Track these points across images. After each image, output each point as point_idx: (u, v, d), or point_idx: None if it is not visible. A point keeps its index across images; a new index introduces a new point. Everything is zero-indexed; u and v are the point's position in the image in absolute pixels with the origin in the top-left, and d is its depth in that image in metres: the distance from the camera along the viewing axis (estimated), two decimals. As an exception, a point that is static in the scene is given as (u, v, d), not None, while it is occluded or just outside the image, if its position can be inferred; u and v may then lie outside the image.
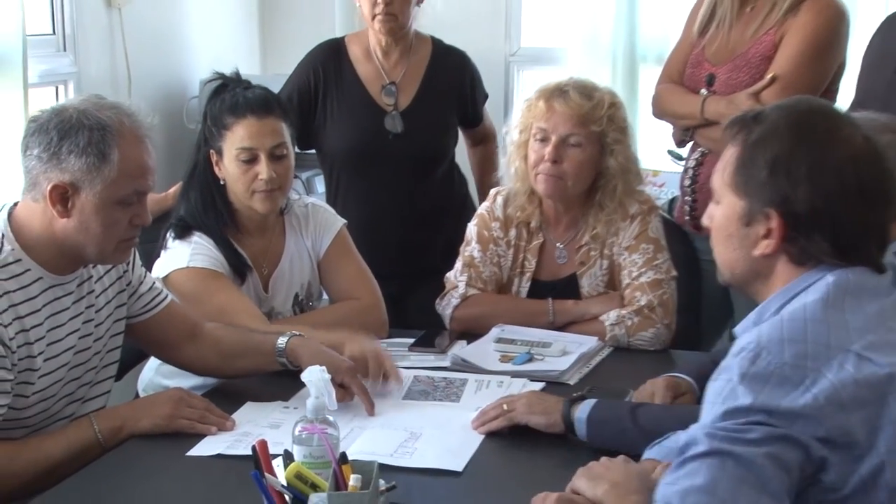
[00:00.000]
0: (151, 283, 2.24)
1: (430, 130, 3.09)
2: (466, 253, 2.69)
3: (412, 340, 2.53)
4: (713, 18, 2.96)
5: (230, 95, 2.48)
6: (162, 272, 2.43)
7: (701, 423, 1.40)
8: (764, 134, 1.50)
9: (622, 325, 2.52)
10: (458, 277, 2.67)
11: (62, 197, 1.91)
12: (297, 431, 1.71)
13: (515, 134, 2.62)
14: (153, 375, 2.55)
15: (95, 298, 2.09)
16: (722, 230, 1.56)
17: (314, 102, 3.06)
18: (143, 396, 2.25)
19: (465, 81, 3.14)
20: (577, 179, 2.56)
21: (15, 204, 2.00)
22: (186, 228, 2.48)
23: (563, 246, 2.66)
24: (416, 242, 3.05)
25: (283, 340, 2.20)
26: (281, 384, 2.20)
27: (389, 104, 3.05)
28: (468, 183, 3.29)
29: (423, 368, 2.38)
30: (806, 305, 1.43)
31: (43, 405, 2.00)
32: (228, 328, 2.31)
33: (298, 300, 2.60)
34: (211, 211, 2.49)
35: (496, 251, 2.67)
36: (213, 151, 2.49)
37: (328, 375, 1.78)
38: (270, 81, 2.61)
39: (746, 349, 1.40)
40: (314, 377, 1.76)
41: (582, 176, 2.56)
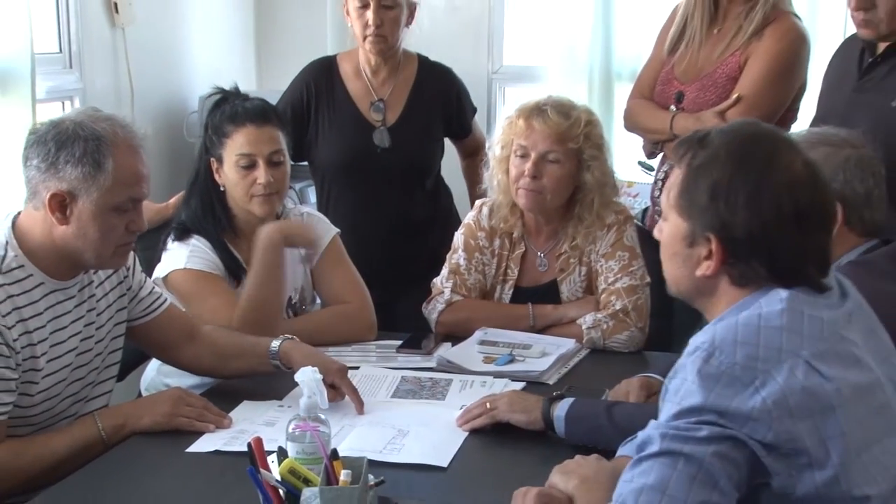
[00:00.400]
0: (151, 287, 2.24)
1: (416, 145, 3.08)
2: (453, 261, 2.69)
3: (400, 342, 2.53)
4: (682, 38, 2.97)
5: (230, 106, 2.49)
6: (161, 272, 2.44)
7: (657, 421, 1.40)
8: (706, 159, 1.47)
9: (598, 328, 2.53)
10: (444, 283, 2.67)
11: (60, 205, 1.91)
12: (290, 429, 1.71)
13: (497, 149, 2.63)
14: (155, 375, 2.54)
15: (96, 302, 2.09)
16: (668, 248, 1.54)
17: (307, 117, 3.06)
18: (144, 395, 2.24)
19: (450, 96, 3.14)
20: (555, 193, 2.56)
21: (19, 213, 1.99)
22: (185, 231, 2.49)
23: (543, 255, 2.67)
24: (403, 251, 3.05)
25: (276, 343, 2.21)
26: (275, 384, 2.20)
27: (378, 120, 3.05)
28: (453, 195, 3.29)
29: (410, 369, 2.38)
30: (762, 312, 1.40)
31: (48, 404, 1.99)
32: (224, 331, 2.31)
33: (292, 303, 2.60)
34: (210, 216, 2.50)
35: (481, 259, 2.67)
36: (213, 159, 2.49)
37: (320, 376, 1.79)
38: (266, 97, 2.61)
39: (700, 348, 1.38)
40: (307, 378, 1.76)
41: (560, 190, 2.57)
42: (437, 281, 2.69)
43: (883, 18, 2.37)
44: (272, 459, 1.64)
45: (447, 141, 3.24)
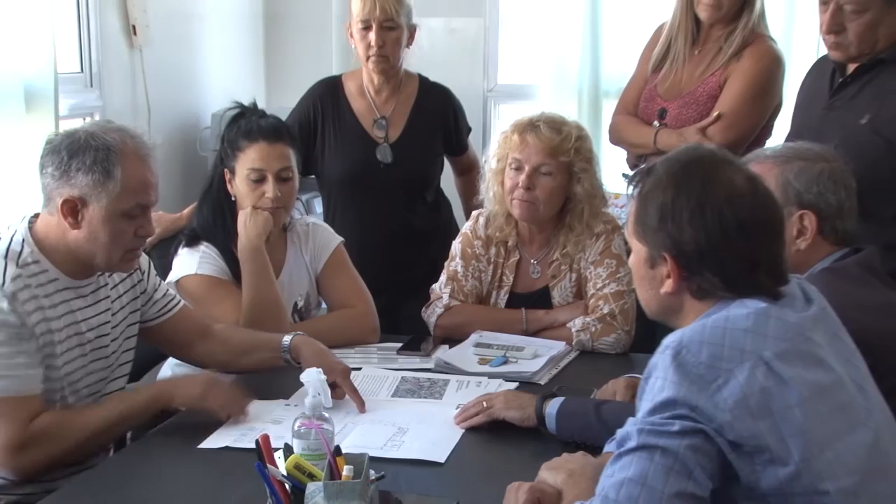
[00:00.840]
0: (165, 290, 2.25)
1: (417, 160, 3.07)
2: (451, 268, 2.69)
3: (400, 345, 2.52)
4: (666, 58, 2.98)
5: (245, 122, 2.49)
6: (173, 277, 2.45)
7: (634, 419, 1.40)
8: (652, 186, 1.49)
9: (587, 331, 2.52)
10: (442, 289, 2.67)
11: (72, 210, 1.92)
12: (296, 427, 1.71)
13: (493, 162, 2.63)
14: (170, 376, 2.53)
15: (111, 303, 2.09)
16: (636, 273, 1.57)
17: (313, 133, 3.05)
18: (181, 375, 2.22)
19: (448, 114, 3.14)
20: (548, 204, 2.57)
21: (35, 216, 2.01)
22: (195, 238, 2.49)
23: (536, 262, 2.67)
24: (405, 259, 3.04)
25: (287, 339, 2.22)
26: (283, 383, 2.19)
27: (380, 137, 3.04)
28: (452, 207, 3.28)
29: (409, 370, 2.38)
30: (729, 314, 1.41)
31: (66, 393, 2.00)
32: (238, 328, 2.33)
33: (298, 308, 2.59)
34: (220, 223, 2.50)
35: (477, 267, 2.67)
36: (227, 170, 2.50)
37: (324, 376, 1.79)
38: (274, 113, 2.62)
39: (669, 347, 1.40)
40: (311, 378, 1.76)
41: (552, 201, 2.57)
42: (435, 287, 2.69)
43: (853, 41, 2.38)
44: (279, 455, 1.63)
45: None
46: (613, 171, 3.39)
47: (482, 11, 4.17)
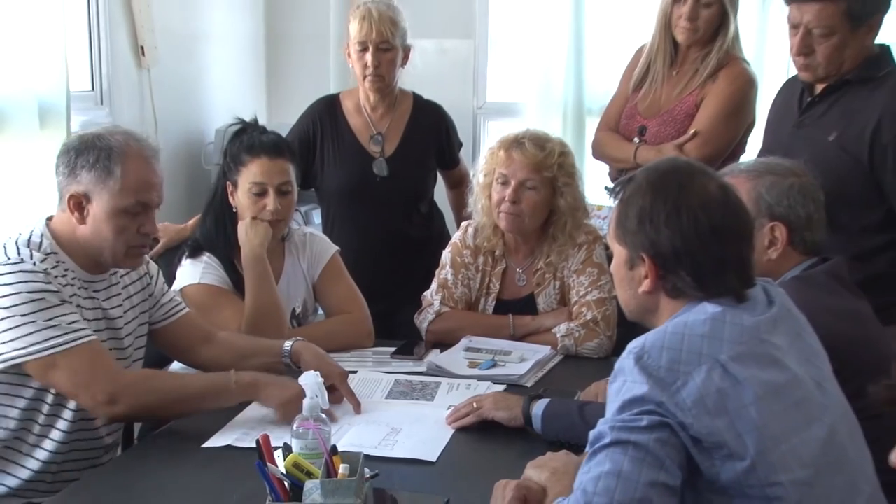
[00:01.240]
0: (171, 295, 2.25)
1: (411, 174, 3.07)
2: (441, 276, 2.69)
3: (394, 349, 2.52)
4: (646, 78, 2.99)
5: (248, 137, 2.49)
6: (177, 286, 2.44)
7: (605, 418, 1.41)
8: (632, 192, 1.52)
9: (571, 336, 2.53)
10: (433, 296, 2.67)
11: (78, 205, 1.95)
12: (295, 427, 1.70)
13: (481, 177, 2.64)
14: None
15: (122, 301, 2.10)
16: (616, 275, 1.59)
17: (313, 149, 3.05)
18: (277, 377, 2.15)
19: (441, 130, 3.14)
20: (532, 216, 2.57)
21: (51, 216, 2.04)
22: (198, 249, 2.49)
23: (522, 271, 2.67)
24: (400, 267, 3.03)
25: (288, 344, 2.22)
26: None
27: (377, 151, 3.04)
28: (445, 218, 3.28)
29: (402, 373, 2.37)
30: (688, 321, 1.43)
31: None
32: (241, 335, 2.33)
33: (296, 314, 2.59)
34: (222, 233, 2.49)
35: (466, 275, 2.67)
36: (229, 183, 2.49)
37: (321, 380, 1.79)
38: (274, 129, 2.62)
39: (633, 351, 1.41)
40: (309, 381, 1.76)
41: (537, 214, 2.58)
42: (427, 294, 2.69)
43: (821, 63, 2.39)
44: (278, 454, 1.63)
45: (435, 171, 3.23)
46: (596, 184, 3.40)
47: (472, 33, 4.19)
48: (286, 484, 1.56)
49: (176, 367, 2.51)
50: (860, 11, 2.33)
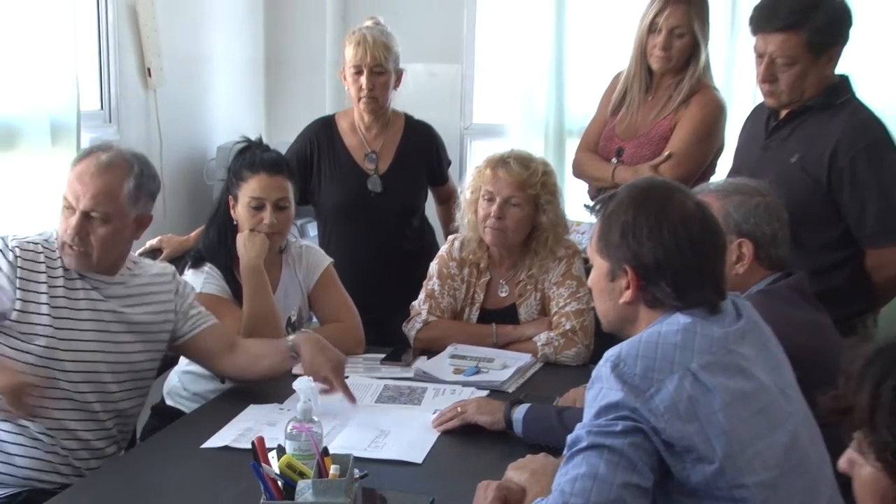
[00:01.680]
0: (199, 308, 2.24)
1: (403, 190, 3.07)
2: (428, 287, 2.69)
3: (384, 356, 2.52)
4: (623, 103, 3.00)
5: (250, 155, 2.49)
6: None
7: (582, 423, 1.41)
8: (615, 207, 1.52)
9: (551, 345, 2.53)
10: (421, 306, 2.67)
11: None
12: (288, 429, 1.70)
13: (468, 193, 2.64)
14: (177, 381, 2.52)
15: (128, 308, 2.11)
16: (595, 286, 1.58)
17: (310, 167, 3.04)
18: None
19: (431, 149, 3.14)
20: (516, 232, 2.58)
21: None
22: (200, 260, 2.48)
23: (505, 282, 2.67)
24: (393, 279, 3.00)
25: (291, 338, 2.23)
26: (278, 390, 2.18)
27: (371, 169, 3.03)
28: (435, 232, 3.28)
29: (391, 378, 2.37)
30: (661, 331, 1.43)
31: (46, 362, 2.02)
32: (250, 339, 2.32)
33: (291, 322, 2.58)
34: (223, 246, 2.48)
35: (452, 286, 2.68)
36: (231, 197, 2.49)
37: (314, 384, 1.78)
38: (273, 146, 2.62)
39: (609, 360, 1.42)
40: (302, 386, 1.75)
41: (520, 229, 2.58)
42: (415, 304, 2.69)
43: (784, 90, 2.41)
44: (273, 455, 1.63)
45: (425, 187, 3.23)
46: (575, 201, 3.41)
47: (460, 58, 4.19)
48: (280, 483, 1.56)
49: (176, 372, 2.51)
50: (821, 43, 2.35)
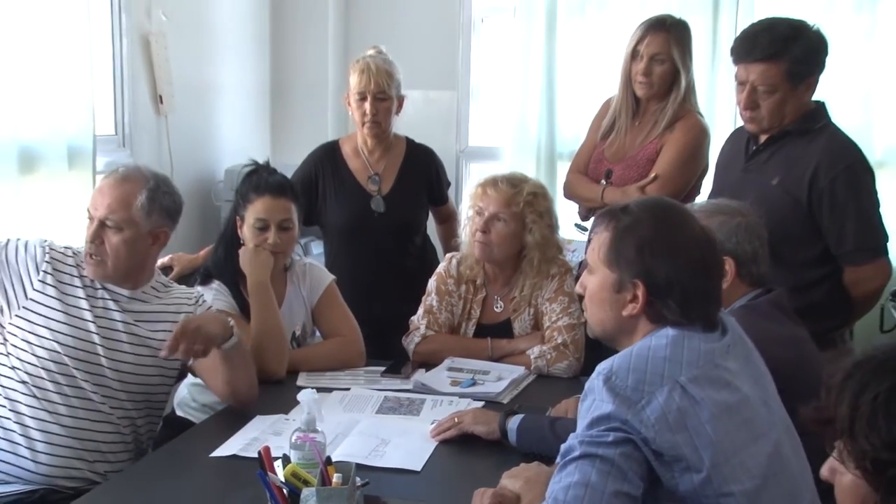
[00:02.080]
0: None
1: (406, 210, 3.06)
2: (427, 302, 2.69)
3: (384, 368, 2.52)
4: (612, 129, 3.02)
5: (256, 177, 2.50)
6: None
7: (575, 433, 1.41)
8: (631, 223, 1.51)
9: (543, 358, 2.53)
10: (419, 321, 2.67)
11: None
12: (293, 439, 1.70)
13: (470, 212, 2.64)
14: (186, 393, 2.52)
15: (143, 324, 2.12)
16: (595, 295, 1.55)
17: (315, 191, 3.03)
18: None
19: (431, 171, 3.14)
20: (500, 247, 2.58)
21: None
22: (209, 276, 2.49)
23: (500, 298, 2.67)
24: (395, 295, 2.98)
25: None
26: (283, 401, 2.17)
27: (374, 190, 3.03)
28: (436, 250, 3.28)
29: (391, 390, 2.37)
30: (651, 345, 1.43)
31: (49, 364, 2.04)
32: None
33: (296, 336, 2.58)
34: (230, 263, 2.48)
35: (450, 301, 2.68)
36: (238, 217, 2.49)
37: (318, 396, 1.78)
38: (278, 169, 2.63)
39: (602, 373, 1.41)
40: (307, 398, 1.75)
41: (505, 244, 2.58)
42: (414, 319, 2.69)
43: (765, 116, 2.42)
44: (278, 464, 1.63)
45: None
46: (565, 221, 3.43)
47: (455, 85, 4.22)
48: (285, 491, 1.56)
49: (186, 384, 2.51)
50: (799, 72, 2.37)
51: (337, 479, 1.53)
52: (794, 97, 2.40)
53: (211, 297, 2.43)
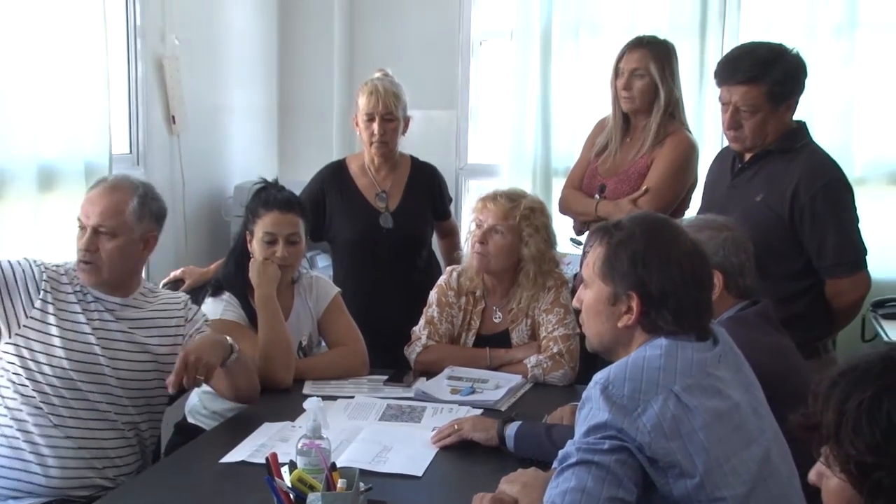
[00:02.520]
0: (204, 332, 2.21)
1: (412, 225, 3.06)
2: (428, 313, 2.68)
3: (386, 377, 2.51)
4: (606, 147, 3.02)
5: (266, 194, 2.50)
6: None
7: (573, 440, 1.41)
8: (624, 237, 1.51)
9: (540, 367, 2.52)
10: (421, 331, 2.66)
11: None
12: (299, 446, 1.69)
13: (473, 226, 2.64)
14: (197, 400, 2.51)
15: (139, 331, 2.11)
16: (592, 308, 1.55)
17: (322, 208, 3.02)
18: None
19: (435, 187, 3.14)
20: (497, 258, 2.58)
21: None
22: (219, 289, 2.48)
23: (498, 309, 2.67)
24: (401, 307, 2.94)
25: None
26: (289, 409, 2.17)
27: (382, 207, 3.02)
28: (441, 265, 3.27)
29: (393, 398, 2.36)
30: (646, 355, 1.43)
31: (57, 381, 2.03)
32: None
33: (302, 346, 2.57)
34: (240, 275, 2.48)
35: (450, 313, 2.67)
36: (248, 232, 2.49)
37: (323, 404, 1.77)
38: (285, 186, 2.63)
39: (599, 382, 1.41)
40: (312, 406, 1.74)
41: (501, 256, 2.58)
42: (415, 329, 2.68)
43: (747, 136, 2.43)
44: (285, 470, 1.62)
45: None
46: (562, 237, 3.42)
47: (455, 105, 4.22)
48: (292, 496, 1.55)
49: (197, 392, 2.50)
50: (780, 93, 2.38)
51: (342, 484, 1.52)
52: (775, 117, 2.40)
53: (221, 308, 2.43)
